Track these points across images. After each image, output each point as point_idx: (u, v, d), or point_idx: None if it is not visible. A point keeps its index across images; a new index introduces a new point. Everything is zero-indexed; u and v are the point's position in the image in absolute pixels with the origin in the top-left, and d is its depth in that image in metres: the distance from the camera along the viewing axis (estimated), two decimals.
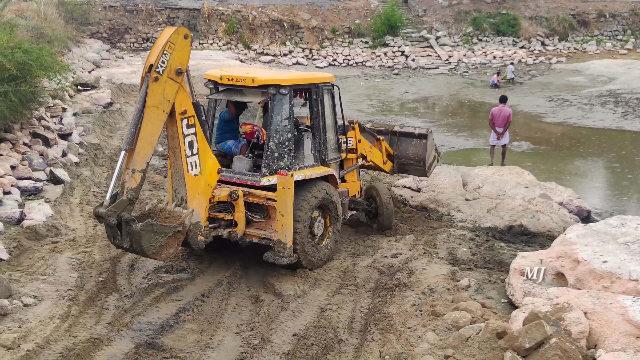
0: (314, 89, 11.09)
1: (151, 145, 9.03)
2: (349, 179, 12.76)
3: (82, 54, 32.56)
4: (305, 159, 11.02)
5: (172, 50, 9.03)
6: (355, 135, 12.81)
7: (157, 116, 9.00)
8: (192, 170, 9.55)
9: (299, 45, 43.58)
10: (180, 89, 9.21)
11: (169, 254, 9.14)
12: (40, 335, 8.47)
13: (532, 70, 40.86)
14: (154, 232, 8.75)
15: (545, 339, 7.14)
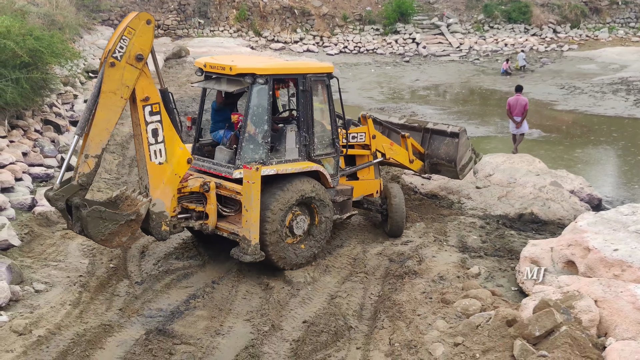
0: (300, 79, 10.53)
1: (107, 131, 9.01)
2: (363, 176, 12.25)
3: (93, 41, 32.56)
4: (287, 153, 10.47)
5: (132, 35, 8.87)
6: (369, 131, 12.21)
7: (114, 102, 8.92)
8: (155, 159, 9.35)
9: (310, 33, 43.43)
10: (143, 75, 9.05)
11: (121, 242, 9.24)
12: (51, 321, 8.53)
13: (544, 57, 40.57)
14: (102, 218, 8.82)
15: (556, 327, 7.13)
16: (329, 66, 11.37)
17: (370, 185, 12.28)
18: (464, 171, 13.33)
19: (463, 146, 13.04)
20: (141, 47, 8.96)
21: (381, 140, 12.49)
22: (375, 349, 7.96)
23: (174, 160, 9.54)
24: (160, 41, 39.33)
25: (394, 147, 12.65)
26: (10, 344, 7.89)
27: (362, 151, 12.26)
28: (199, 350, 8.03)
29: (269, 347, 8.18)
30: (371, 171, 12.36)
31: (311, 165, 10.61)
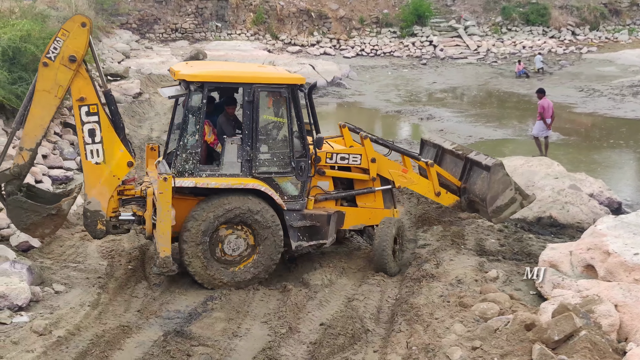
0: (246, 89, 9.81)
1: (41, 127, 9.46)
2: (365, 203, 11.07)
3: (111, 45, 32.82)
4: (225, 167, 9.84)
5: (66, 37, 9.19)
6: (366, 153, 10.91)
7: (48, 100, 9.33)
8: (92, 158, 9.52)
9: (327, 36, 43.48)
10: (79, 76, 9.37)
11: (44, 234, 9.88)
12: (71, 322, 8.59)
13: (562, 60, 40.36)
14: (23, 209, 9.44)
15: (575, 332, 7.07)
16: (292, 77, 10.32)
17: (376, 215, 11.00)
18: (501, 214, 11.30)
19: (498, 183, 11.14)
20: (74, 49, 9.26)
21: (387, 165, 11.21)
22: (393, 352, 7.93)
23: (113, 162, 9.63)
24: (177, 44, 39.59)
25: (408, 176, 11.32)
26: (30, 344, 7.95)
27: (356, 175, 11.06)
28: (216, 352, 8.05)
29: (286, 350, 8.19)
30: (378, 199, 11.13)
31: (245, 182, 9.80)
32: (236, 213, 9.72)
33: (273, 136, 10.23)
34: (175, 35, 41.81)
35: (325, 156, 10.63)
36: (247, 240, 9.97)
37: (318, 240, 10.38)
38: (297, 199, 10.21)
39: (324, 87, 32.04)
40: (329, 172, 10.71)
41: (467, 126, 24.36)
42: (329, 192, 10.75)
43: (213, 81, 9.84)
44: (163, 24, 42.00)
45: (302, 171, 10.19)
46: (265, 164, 10.00)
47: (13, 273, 9.34)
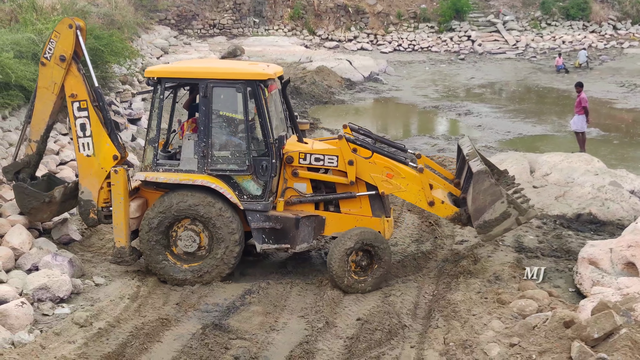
0: (201, 85, 9.70)
1: (44, 121, 10.41)
2: (348, 210, 10.18)
3: (150, 40, 33.15)
4: (183, 163, 9.86)
5: (58, 38, 10.01)
6: (342, 154, 10.01)
7: (47, 96, 10.24)
8: (83, 151, 10.14)
9: (364, 31, 43.41)
10: (70, 74, 10.08)
11: (42, 219, 10.65)
12: (111, 314, 8.73)
13: (603, 55, 39.74)
14: (25, 194, 10.34)
15: (615, 330, 6.98)
16: (250, 73, 9.88)
17: (363, 223, 10.06)
18: (490, 230, 9.64)
19: (484, 194, 9.59)
20: (64, 49, 10.01)
21: (369, 168, 10.05)
22: (430, 348, 7.92)
23: (101, 155, 10.11)
24: (215, 40, 39.84)
25: (394, 181, 10.04)
26: (72, 335, 8.10)
27: (332, 178, 10.21)
28: (254, 346, 8.10)
29: (323, 344, 8.21)
30: (365, 205, 10.18)
31: (194, 178, 9.69)
32: (182, 210, 9.67)
33: (229, 133, 10.04)
34: (213, 31, 42.08)
35: (298, 156, 10.03)
36: (201, 238, 9.89)
37: (284, 243, 9.94)
38: (258, 199, 9.85)
39: (361, 83, 31.98)
40: (303, 174, 10.11)
41: (506, 122, 24.14)
42: (304, 194, 10.14)
43: (169, 77, 10.06)
44: (201, 20, 42.30)
45: (264, 171, 9.77)
46: (219, 161, 9.81)
47: (55, 266, 9.54)
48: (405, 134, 23.36)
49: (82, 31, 10.23)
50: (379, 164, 10.07)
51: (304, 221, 9.92)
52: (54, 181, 11.12)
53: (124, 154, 10.27)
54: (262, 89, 9.66)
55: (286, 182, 10.10)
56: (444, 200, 10.14)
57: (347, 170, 10.00)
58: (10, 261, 9.55)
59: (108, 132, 10.15)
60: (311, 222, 10.03)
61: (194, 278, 9.81)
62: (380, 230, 10.01)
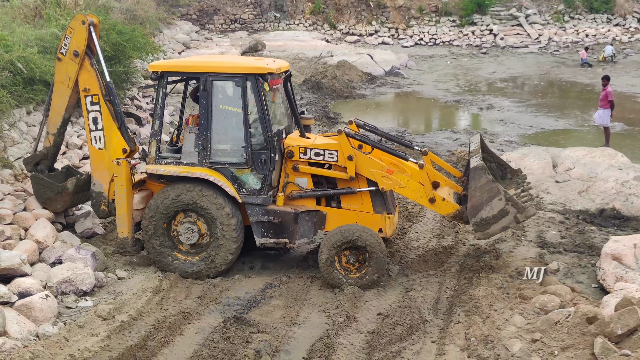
0: (201, 79, 9.84)
1: (60, 114, 10.71)
2: (349, 206, 10.09)
3: (172, 36, 33.32)
4: (185, 156, 9.97)
5: (72, 34, 10.27)
6: (342, 149, 9.94)
7: (62, 90, 10.51)
8: (95, 144, 10.35)
9: (385, 25, 43.32)
10: (84, 68, 10.32)
11: (56, 209, 10.83)
12: (133, 307, 8.81)
13: (627, 48, 39.32)
14: (41, 185, 10.68)
15: (639, 326, 6.93)
16: (250, 67, 9.87)
17: (364, 219, 9.97)
18: (487, 228, 9.49)
19: (481, 190, 9.40)
20: (77, 44, 10.25)
21: (368, 163, 9.99)
22: (451, 342, 7.90)
23: (111, 149, 10.30)
24: (237, 35, 39.94)
25: (394, 177, 9.93)
26: (95, 328, 8.18)
27: (332, 173, 10.11)
28: (275, 339, 8.13)
29: (344, 338, 8.22)
30: (366, 201, 10.06)
31: (193, 170, 9.80)
32: (182, 202, 9.78)
33: (228, 127, 10.04)
34: (235, 26, 42.21)
35: (298, 151, 10.02)
36: (201, 230, 9.97)
37: (282, 238, 9.94)
38: (257, 193, 9.87)
39: (382, 77, 31.91)
40: (303, 168, 10.07)
41: (528, 116, 23.97)
42: (305, 189, 10.11)
43: (171, 71, 10.16)
44: (222, 15, 42.42)
45: (263, 164, 9.80)
46: (219, 154, 9.91)
47: (78, 259, 9.62)
48: (427, 128, 23.27)
49: (96, 27, 10.42)
50: (380, 159, 10.09)
51: (303, 216, 9.94)
52: (72, 173, 11.35)
53: (134, 147, 10.43)
54: (260, 83, 9.66)
55: (287, 177, 10.12)
56: (445, 198, 9.96)
57: (346, 165, 9.94)
58: (34, 254, 9.65)
59: (118, 126, 10.34)
60: (311, 217, 10.03)
61: (191, 272, 9.93)
62: (382, 227, 9.95)
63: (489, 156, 10.76)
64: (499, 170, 10.78)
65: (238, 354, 7.72)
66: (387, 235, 10.11)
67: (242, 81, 9.70)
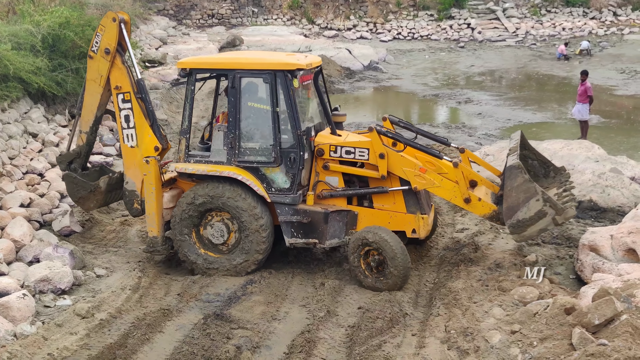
0: (229, 75, 9.61)
1: (92, 112, 10.70)
2: (382, 205, 9.80)
3: (149, 31, 33.11)
4: (214, 154, 9.81)
5: (103, 32, 10.26)
6: (373, 147, 9.64)
7: (94, 88, 10.50)
8: (128, 142, 10.35)
9: (363, 19, 43.34)
10: (115, 66, 10.29)
11: (89, 207, 11.04)
12: (112, 305, 8.75)
13: (603, 41, 39.65)
14: (75, 183, 10.74)
15: (616, 316, 6.99)
16: (278, 62, 9.62)
17: (397, 220, 9.69)
18: (524, 230, 9.04)
19: (517, 190, 8.96)
20: (108, 42, 10.22)
21: (400, 161, 9.62)
22: (431, 335, 7.93)
23: (144, 147, 10.25)
24: (214, 30, 39.77)
25: (427, 176, 9.53)
26: (74, 326, 8.12)
27: (364, 172, 9.82)
28: (255, 335, 8.12)
29: (324, 333, 8.22)
30: (399, 201, 9.74)
31: (222, 169, 9.63)
32: (211, 201, 9.64)
33: (257, 125, 9.83)
34: (212, 21, 42.03)
35: (329, 149, 9.75)
36: (230, 229, 9.83)
37: (312, 238, 9.68)
38: (286, 192, 9.63)
39: (361, 72, 31.92)
40: (334, 167, 9.81)
41: (506, 110, 24.11)
42: (336, 188, 9.85)
43: (200, 68, 9.96)
44: (199, 10, 42.23)
45: (292, 163, 9.54)
46: (247, 153, 9.68)
47: (56, 257, 9.56)
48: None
49: (127, 24, 10.40)
50: (415, 157, 9.76)
51: (333, 216, 9.66)
52: (105, 172, 11.33)
53: (166, 145, 10.34)
54: (289, 79, 9.38)
55: (318, 176, 9.87)
56: (481, 198, 9.48)
57: (378, 163, 9.60)
58: (11, 253, 9.57)
59: (150, 124, 10.27)
60: (342, 217, 9.75)
61: (227, 268, 9.80)
62: (415, 228, 9.64)
63: (531, 153, 10.35)
64: (542, 169, 10.33)
65: (218, 350, 7.69)
66: (421, 237, 9.79)
67: (271, 78, 9.43)
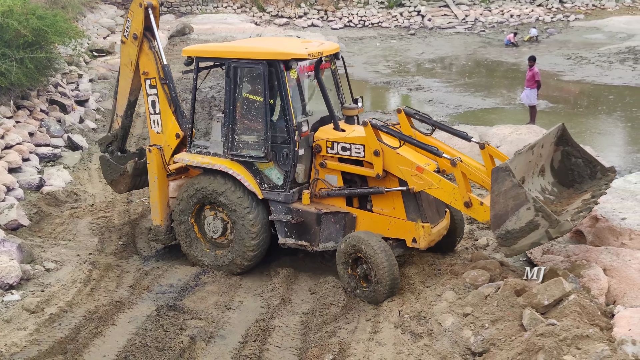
0: (227, 64, 9.24)
1: (125, 97, 10.76)
2: (381, 210, 9.01)
3: (96, 20, 32.47)
4: (212, 146, 9.55)
5: (132, 17, 10.27)
6: (368, 143, 8.84)
7: (126, 73, 10.59)
8: (154, 127, 10.30)
9: (314, 7, 43.19)
10: (142, 51, 10.25)
11: (120, 190, 11.14)
12: (62, 299, 8.61)
13: (550, 28, 40.24)
14: (108, 166, 11.00)
15: (564, 296, 7.14)
16: (274, 52, 9.02)
17: (396, 227, 8.88)
18: (515, 242, 7.79)
19: (505, 196, 7.75)
20: (136, 27, 10.20)
21: (396, 159, 8.69)
22: (385, 320, 7.98)
23: (167, 133, 10.15)
24: (163, 19, 39.11)
25: (424, 176, 8.52)
26: (22, 322, 7.96)
27: (361, 170, 9.07)
28: (209, 325, 8.08)
29: (279, 321, 8.23)
30: (398, 206, 8.88)
31: (214, 162, 9.36)
32: (204, 194, 9.43)
33: (250, 117, 9.39)
34: (161, 9, 41.35)
35: (325, 145, 9.13)
36: (226, 225, 9.58)
37: (304, 240, 9.19)
38: (279, 189, 9.19)
39: None
40: (331, 165, 9.17)
41: (456, 96, 24.32)
42: (332, 188, 9.21)
43: (203, 56, 9.61)
44: None
45: (285, 159, 9.09)
46: (240, 146, 9.32)
47: (3, 252, 9.34)
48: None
49: (155, 9, 10.26)
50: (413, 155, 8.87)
51: (327, 217, 9.06)
52: (141, 156, 11.10)
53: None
54: (284, 69, 8.84)
55: (317, 174, 9.29)
56: (483, 202, 8.29)
57: (372, 161, 8.83)
58: None
59: (173, 110, 10.15)
60: (339, 219, 9.10)
61: (219, 265, 9.58)
62: (416, 237, 8.74)
63: (575, 150, 9.35)
64: (587, 168, 9.27)
65: (172, 341, 7.64)
66: (421, 247, 8.82)
67: (264, 67, 8.90)
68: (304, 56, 9.06)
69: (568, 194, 9.07)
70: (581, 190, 8.90)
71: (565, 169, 9.33)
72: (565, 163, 9.22)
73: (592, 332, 6.45)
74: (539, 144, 8.80)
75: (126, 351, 7.54)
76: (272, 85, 9.03)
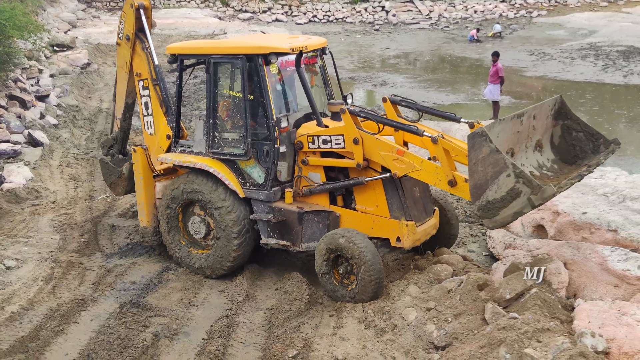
0: (207, 60, 9.05)
1: (122, 99, 10.68)
2: (364, 207, 8.67)
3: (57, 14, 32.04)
4: (195, 145, 9.37)
5: (125, 19, 10.21)
6: (347, 132, 8.49)
7: (122, 75, 10.50)
8: (148, 129, 10.16)
9: (278, 2, 43.11)
10: (135, 53, 10.16)
11: (118, 192, 11.03)
12: (24, 297, 8.49)
13: (513, 24, 40.69)
14: (106, 169, 10.95)
15: (526, 290, 7.23)
16: (251, 46, 8.82)
17: (380, 226, 8.54)
18: (496, 213, 7.14)
19: (484, 164, 7.11)
20: (128, 28, 10.14)
21: (376, 145, 8.34)
22: (349, 315, 7.99)
23: (159, 134, 9.98)
24: None
25: (405, 159, 8.17)
26: None
27: (341, 162, 8.71)
28: (173, 322, 8.02)
29: (243, 317, 8.20)
30: (381, 202, 8.52)
31: (195, 160, 9.16)
32: (185, 194, 9.26)
33: (229, 114, 9.21)
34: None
35: (306, 140, 8.80)
36: (209, 225, 9.38)
37: (286, 240, 8.95)
38: (260, 188, 8.95)
39: None
40: (313, 161, 8.85)
41: (420, 91, 24.47)
42: (314, 184, 8.87)
43: (185, 53, 9.41)
44: None
45: (266, 156, 8.85)
46: (221, 144, 9.12)
47: None
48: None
49: (147, 10, 10.16)
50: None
51: (310, 216, 8.78)
52: None
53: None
54: (263, 64, 8.61)
55: (301, 171, 8.97)
56: (467, 179, 7.59)
57: (352, 149, 8.43)
58: None
59: (164, 112, 9.95)
60: (322, 218, 8.79)
61: (204, 269, 9.34)
62: (400, 236, 8.41)
63: (575, 124, 8.76)
64: (590, 142, 8.68)
65: (135, 338, 7.57)
66: (405, 247, 8.49)
67: (242, 62, 8.68)
68: (285, 50, 8.81)
69: (569, 170, 8.50)
70: (583, 165, 8.43)
71: (566, 144, 8.78)
72: (566, 138, 8.71)
73: (553, 325, 6.54)
74: (530, 114, 8.16)
75: (89, 349, 7.46)
76: (251, 81, 8.84)
